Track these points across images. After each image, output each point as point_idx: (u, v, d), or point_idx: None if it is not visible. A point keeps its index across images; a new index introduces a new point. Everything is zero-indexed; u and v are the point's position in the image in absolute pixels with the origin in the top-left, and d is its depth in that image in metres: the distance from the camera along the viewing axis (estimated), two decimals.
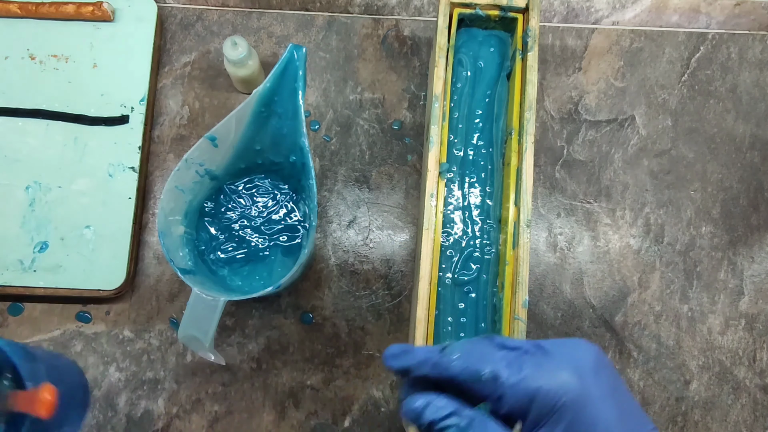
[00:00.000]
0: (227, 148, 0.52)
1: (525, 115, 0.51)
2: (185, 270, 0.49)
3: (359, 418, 0.57)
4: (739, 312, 0.59)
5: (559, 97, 0.63)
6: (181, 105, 0.62)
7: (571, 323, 0.59)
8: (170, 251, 0.48)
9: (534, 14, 0.53)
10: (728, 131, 0.63)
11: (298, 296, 0.58)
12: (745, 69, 0.64)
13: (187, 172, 0.50)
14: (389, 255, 0.60)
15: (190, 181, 0.51)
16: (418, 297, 0.48)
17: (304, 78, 0.48)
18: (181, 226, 0.52)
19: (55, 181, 0.58)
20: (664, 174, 0.62)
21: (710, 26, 0.65)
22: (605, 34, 0.64)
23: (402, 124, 0.62)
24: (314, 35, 0.64)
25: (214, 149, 0.50)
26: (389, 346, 0.34)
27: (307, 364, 0.57)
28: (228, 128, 0.50)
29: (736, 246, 0.61)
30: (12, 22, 0.61)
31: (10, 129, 0.59)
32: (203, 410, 0.56)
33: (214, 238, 0.55)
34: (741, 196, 0.62)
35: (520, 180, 0.50)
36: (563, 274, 0.60)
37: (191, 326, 0.46)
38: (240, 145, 0.52)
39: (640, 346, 0.59)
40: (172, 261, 0.48)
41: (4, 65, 0.60)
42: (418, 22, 0.64)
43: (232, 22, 0.64)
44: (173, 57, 0.63)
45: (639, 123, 0.63)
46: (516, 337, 0.47)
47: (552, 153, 0.62)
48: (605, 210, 0.61)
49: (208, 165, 0.52)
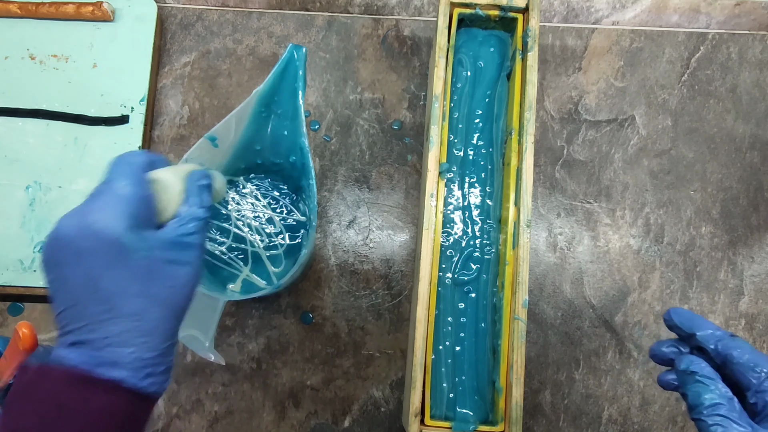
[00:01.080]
0: (227, 149, 0.52)
1: (525, 115, 0.51)
2: None
3: (359, 418, 0.57)
4: (739, 312, 0.59)
5: (559, 97, 0.63)
6: (181, 105, 0.62)
7: (571, 323, 0.59)
8: None
9: (534, 14, 0.53)
10: (728, 131, 0.63)
11: (298, 296, 0.58)
12: (745, 69, 0.64)
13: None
14: (389, 255, 0.60)
15: None
16: (418, 297, 0.48)
17: (304, 78, 0.48)
18: None
19: (55, 181, 0.58)
20: (664, 174, 0.62)
21: (710, 26, 0.65)
22: (605, 34, 0.64)
23: (402, 124, 0.62)
24: (314, 35, 0.64)
25: (214, 149, 0.50)
26: (676, 308, 0.39)
27: (307, 364, 0.57)
28: (228, 128, 0.50)
29: (736, 246, 0.61)
30: (12, 22, 0.61)
31: (10, 129, 0.59)
32: (203, 410, 0.56)
33: (213, 238, 0.55)
34: (741, 196, 0.62)
35: (520, 180, 0.50)
36: (563, 274, 0.60)
37: (191, 326, 0.46)
38: (240, 145, 0.52)
39: (640, 345, 0.59)
40: None
41: (4, 65, 0.60)
42: (418, 22, 0.64)
43: (232, 22, 0.64)
44: (173, 57, 0.63)
45: (639, 123, 0.63)
46: (516, 336, 0.48)
47: (552, 153, 0.62)
48: (605, 210, 0.61)
49: (208, 165, 0.52)
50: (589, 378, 0.58)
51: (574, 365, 0.58)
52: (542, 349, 0.58)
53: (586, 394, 0.58)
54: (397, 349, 0.58)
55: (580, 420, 0.57)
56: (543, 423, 0.57)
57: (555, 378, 0.58)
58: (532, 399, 0.57)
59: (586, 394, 0.58)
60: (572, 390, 0.58)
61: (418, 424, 0.47)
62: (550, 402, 0.57)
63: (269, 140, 0.53)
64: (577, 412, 0.57)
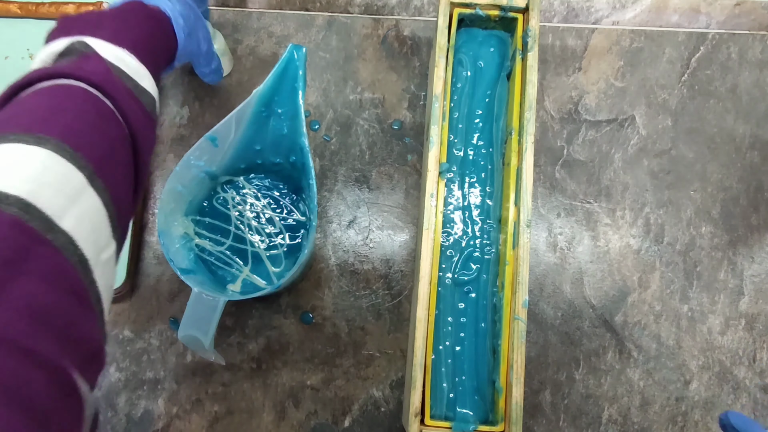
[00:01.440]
0: (227, 148, 0.52)
1: (525, 115, 0.51)
2: (185, 270, 0.49)
3: (359, 418, 0.57)
4: (739, 312, 0.59)
5: (559, 97, 0.63)
6: (181, 105, 0.62)
7: (571, 323, 0.59)
8: (170, 251, 0.48)
9: (534, 14, 0.53)
10: (728, 131, 0.63)
11: (298, 296, 0.58)
12: (745, 69, 0.64)
13: (187, 172, 0.50)
14: (389, 255, 0.60)
15: (190, 181, 0.51)
16: (418, 297, 0.48)
17: (305, 78, 0.48)
18: (180, 226, 0.52)
19: None
20: (664, 174, 0.62)
21: (710, 26, 0.65)
22: (605, 34, 0.64)
23: (402, 124, 0.62)
24: (314, 35, 0.64)
25: (215, 149, 0.50)
26: (733, 411, 0.41)
27: (307, 364, 0.57)
28: (228, 128, 0.50)
29: (736, 246, 0.61)
30: (12, 22, 0.61)
31: None
32: (203, 410, 0.56)
33: (214, 239, 0.55)
34: (741, 196, 0.62)
35: (520, 180, 0.50)
36: (563, 274, 0.60)
37: (191, 326, 0.46)
38: (240, 145, 0.52)
39: (640, 346, 0.59)
40: (172, 261, 0.47)
41: (4, 65, 0.60)
42: (418, 22, 0.64)
43: (232, 22, 0.64)
44: None
45: (639, 123, 0.63)
46: (516, 336, 0.48)
47: (552, 153, 0.62)
48: (605, 210, 0.61)
49: (209, 165, 0.52)
50: (589, 378, 0.58)
51: (574, 365, 0.58)
52: (542, 349, 0.58)
53: (586, 394, 0.58)
54: (397, 349, 0.58)
55: (580, 420, 0.57)
56: (543, 423, 0.57)
57: (555, 378, 0.58)
58: (532, 399, 0.57)
59: (586, 394, 0.58)
60: (572, 390, 0.58)
61: (418, 424, 0.47)
62: (550, 402, 0.57)
63: (269, 140, 0.53)
64: (577, 412, 0.57)
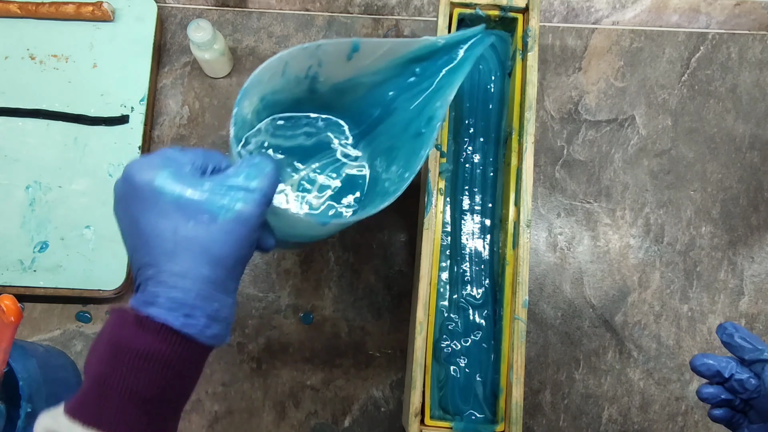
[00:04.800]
0: (362, 68, 0.46)
1: (525, 115, 0.51)
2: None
3: (359, 418, 0.57)
4: (739, 312, 0.59)
5: (559, 97, 0.63)
6: (181, 105, 0.62)
7: (571, 323, 0.59)
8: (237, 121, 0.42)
9: (534, 14, 0.53)
10: (728, 131, 0.63)
11: (298, 296, 0.59)
12: (745, 69, 0.64)
13: (301, 55, 0.43)
14: (389, 255, 0.60)
15: (288, 78, 0.45)
16: (418, 297, 0.48)
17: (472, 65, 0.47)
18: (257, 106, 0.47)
19: (55, 181, 0.58)
20: (664, 174, 0.62)
21: (710, 26, 0.65)
22: (605, 34, 0.64)
23: None
24: (314, 35, 0.64)
25: (346, 61, 0.45)
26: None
27: (307, 364, 0.57)
28: (397, 49, 0.44)
29: (736, 246, 0.61)
30: (12, 22, 0.61)
31: (10, 129, 0.59)
32: (203, 410, 0.56)
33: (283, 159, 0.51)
34: (741, 196, 0.62)
35: (520, 180, 0.50)
36: (563, 274, 0.60)
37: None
38: (385, 79, 0.47)
39: (640, 346, 0.59)
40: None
41: (4, 65, 0.60)
42: (418, 22, 0.64)
43: (232, 22, 0.64)
44: (173, 57, 0.63)
45: (639, 123, 0.63)
46: (516, 336, 0.48)
47: (552, 153, 0.62)
48: (605, 210, 0.61)
49: (323, 73, 0.45)
50: (589, 378, 0.58)
51: (574, 365, 0.58)
52: (542, 349, 0.58)
53: (586, 394, 0.58)
54: (397, 349, 0.58)
55: (580, 420, 0.57)
56: (543, 423, 0.57)
57: (555, 378, 0.58)
58: (532, 399, 0.57)
59: (586, 394, 0.58)
60: (572, 390, 0.58)
61: (418, 424, 0.47)
62: (550, 402, 0.57)
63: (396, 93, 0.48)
64: (577, 412, 0.57)
